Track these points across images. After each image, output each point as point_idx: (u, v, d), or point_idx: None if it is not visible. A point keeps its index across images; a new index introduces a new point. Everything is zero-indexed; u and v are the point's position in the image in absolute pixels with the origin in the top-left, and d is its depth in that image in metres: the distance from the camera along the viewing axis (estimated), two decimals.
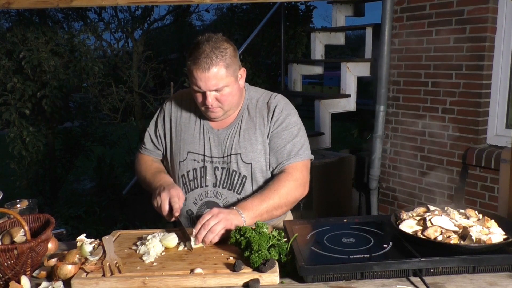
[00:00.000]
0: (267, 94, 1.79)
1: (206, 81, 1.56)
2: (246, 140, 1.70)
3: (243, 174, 1.70)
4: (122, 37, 7.35)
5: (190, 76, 1.59)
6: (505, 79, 3.14)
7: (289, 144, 1.71)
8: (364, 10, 5.09)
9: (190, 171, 1.74)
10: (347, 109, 4.25)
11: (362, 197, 4.12)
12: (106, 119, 5.93)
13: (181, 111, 1.81)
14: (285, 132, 1.71)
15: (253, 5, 5.90)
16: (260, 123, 1.72)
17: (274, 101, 1.74)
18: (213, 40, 1.57)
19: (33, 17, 5.23)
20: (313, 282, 1.22)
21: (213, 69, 1.55)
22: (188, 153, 1.75)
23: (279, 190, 1.63)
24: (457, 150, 3.28)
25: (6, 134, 4.64)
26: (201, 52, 1.55)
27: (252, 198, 1.60)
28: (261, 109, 1.74)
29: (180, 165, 1.76)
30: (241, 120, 1.73)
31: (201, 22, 14.59)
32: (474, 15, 3.10)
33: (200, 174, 1.73)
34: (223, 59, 1.56)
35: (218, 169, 1.72)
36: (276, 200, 1.62)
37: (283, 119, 1.72)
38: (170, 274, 1.25)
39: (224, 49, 1.57)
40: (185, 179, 1.75)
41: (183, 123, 1.79)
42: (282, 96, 1.79)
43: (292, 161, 1.70)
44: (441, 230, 1.34)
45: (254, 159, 1.70)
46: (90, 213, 4.93)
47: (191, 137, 1.76)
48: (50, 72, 4.56)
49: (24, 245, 1.26)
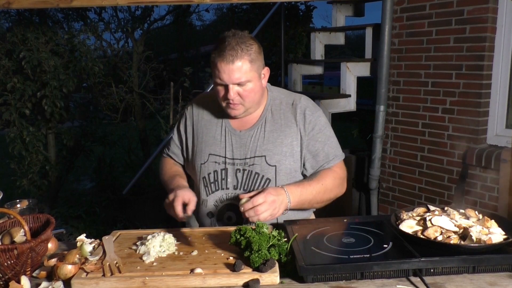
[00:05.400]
0: (291, 95, 1.78)
1: (229, 73, 1.56)
2: (271, 142, 1.68)
3: (267, 177, 1.68)
4: (122, 37, 7.36)
5: (214, 69, 1.60)
6: (505, 79, 3.14)
7: (326, 146, 1.71)
8: (364, 10, 5.09)
9: (211, 173, 1.73)
10: (347, 109, 4.25)
11: (362, 197, 4.12)
12: (106, 119, 5.93)
13: (202, 113, 1.81)
14: (320, 134, 1.71)
15: (253, 5, 5.90)
16: (286, 125, 1.70)
17: (301, 103, 1.73)
18: (239, 35, 1.59)
19: (33, 17, 5.22)
20: (313, 282, 1.22)
21: (238, 62, 1.56)
22: (209, 155, 1.73)
23: (325, 184, 1.64)
24: (457, 150, 3.27)
25: (6, 134, 4.64)
26: (226, 45, 1.56)
27: (300, 183, 1.59)
28: (285, 110, 1.73)
29: (202, 167, 1.74)
30: (265, 121, 1.71)
31: (201, 22, 14.62)
32: (474, 15, 3.11)
33: (221, 176, 1.72)
34: (248, 53, 1.57)
35: (240, 171, 1.70)
36: (321, 193, 1.63)
37: (315, 122, 1.71)
38: (170, 274, 1.25)
39: (249, 44, 1.59)
40: (206, 181, 1.74)
41: (204, 125, 1.78)
42: (307, 97, 1.78)
43: (332, 163, 1.72)
44: (441, 230, 1.34)
45: (279, 161, 1.68)
46: (90, 213, 4.93)
47: (212, 139, 1.74)
48: (50, 72, 4.56)
49: (24, 245, 1.26)
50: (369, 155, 3.90)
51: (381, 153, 3.78)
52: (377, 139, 3.74)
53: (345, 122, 5.63)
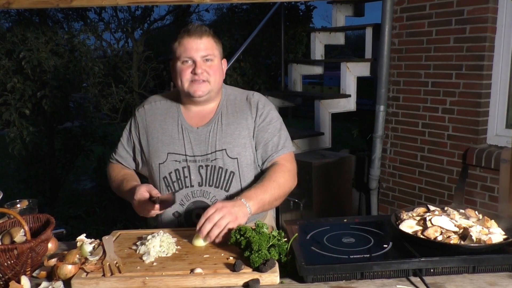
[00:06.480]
0: (244, 92, 1.83)
1: (197, 47, 1.64)
2: (229, 135, 1.70)
3: (230, 170, 1.69)
4: (122, 37, 7.37)
5: (180, 49, 1.67)
6: (505, 79, 3.14)
7: (275, 137, 1.73)
8: (364, 10, 5.09)
9: (172, 172, 1.72)
10: (347, 109, 4.25)
11: (362, 197, 4.12)
12: (106, 119, 5.93)
13: (155, 114, 1.80)
14: (270, 126, 1.74)
15: (253, 5, 5.90)
16: (242, 117, 1.73)
17: (255, 98, 1.78)
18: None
19: (33, 17, 5.22)
20: (313, 282, 1.22)
21: (205, 38, 1.66)
22: (168, 154, 1.72)
23: (277, 180, 1.63)
24: (457, 150, 3.28)
25: (6, 134, 4.65)
26: (191, 27, 1.68)
27: (254, 188, 1.59)
28: (241, 105, 1.76)
29: (160, 167, 1.73)
30: (221, 116, 1.73)
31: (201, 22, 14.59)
32: (474, 15, 3.10)
33: (184, 174, 1.71)
34: (212, 35, 1.70)
35: (203, 167, 1.70)
36: (276, 190, 1.62)
37: (266, 114, 1.75)
38: (170, 274, 1.25)
39: (211, 30, 1.71)
40: (167, 181, 1.73)
41: (159, 125, 1.76)
42: (260, 94, 1.82)
43: (281, 153, 1.73)
44: (441, 230, 1.34)
45: (240, 153, 1.70)
46: (90, 213, 4.93)
47: (169, 138, 1.73)
48: (50, 72, 4.56)
49: (24, 245, 1.26)
50: (369, 155, 3.90)
51: (381, 153, 3.78)
52: (377, 139, 3.75)
53: (345, 122, 5.63)
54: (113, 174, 1.88)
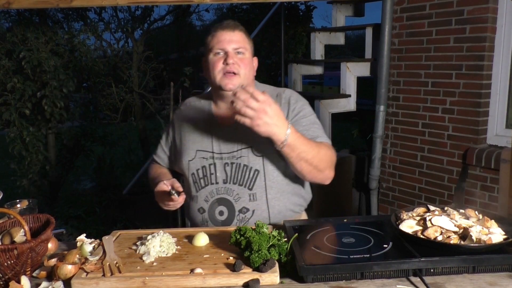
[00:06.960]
0: (276, 89, 1.81)
1: (230, 39, 1.67)
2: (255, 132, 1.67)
3: (255, 168, 1.69)
4: (122, 37, 7.36)
5: (212, 42, 1.69)
6: (505, 79, 3.14)
7: (310, 130, 1.68)
8: (364, 10, 5.09)
9: (199, 169, 1.75)
10: (347, 109, 4.25)
11: (362, 197, 4.12)
12: (106, 119, 5.93)
13: (188, 115, 1.86)
14: (304, 119, 1.70)
15: (253, 5, 5.91)
16: None
17: (286, 94, 1.76)
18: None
19: (33, 17, 5.23)
20: (313, 282, 1.22)
21: (238, 31, 1.70)
22: (196, 152, 1.77)
23: (321, 150, 1.57)
24: (457, 150, 3.28)
25: (6, 134, 4.65)
26: (225, 22, 1.72)
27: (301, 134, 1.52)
28: None
29: (190, 164, 1.78)
30: None
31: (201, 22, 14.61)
32: (474, 15, 3.11)
33: (210, 171, 1.74)
34: (244, 30, 1.73)
35: (228, 164, 1.72)
36: (315, 153, 1.53)
37: (299, 109, 1.72)
38: (170, 274, 1.25)
39: (243, 27, 1.74)
40: (195, 177, 1.77)
41: (191, 124, 1.82)
42: (292, 90, 1.81)
43: (320, 141, 1.65)
44: (441, 230, 1.34)
45: (264, 150, 1.67)
46: (90, 213, 4.93)
47: (199, 136, 1.78)
48: (50, 72, 4.56)
49: (24, 245, 1.26)
50: (369, 155, 3.90)
51: (381, 153, 3.78)
52: (377, 139, 3.75)
53: (345, 122, 5.63)
54: (151, 173, 1.95)
